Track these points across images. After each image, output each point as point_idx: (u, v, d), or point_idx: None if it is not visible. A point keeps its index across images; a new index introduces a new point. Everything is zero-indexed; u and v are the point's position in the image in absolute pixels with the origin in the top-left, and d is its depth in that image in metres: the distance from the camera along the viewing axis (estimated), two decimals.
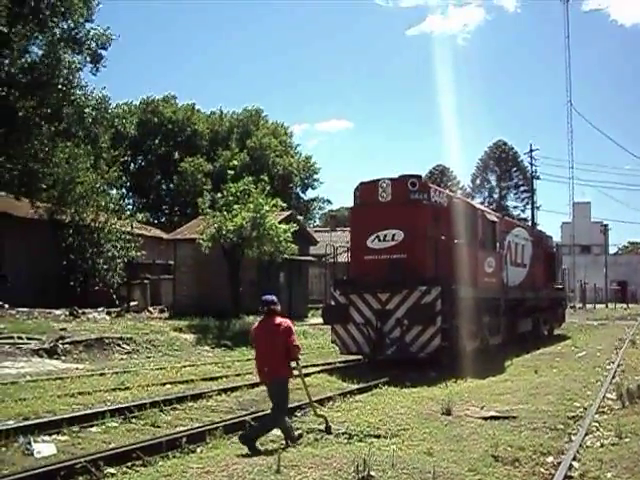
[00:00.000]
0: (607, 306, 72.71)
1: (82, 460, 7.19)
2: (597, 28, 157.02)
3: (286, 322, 8.46)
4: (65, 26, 30.56)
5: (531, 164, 68.24)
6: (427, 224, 16.62)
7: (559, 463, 7.64)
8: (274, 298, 8.59)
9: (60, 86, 29.44)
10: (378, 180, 17.38)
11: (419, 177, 17.50)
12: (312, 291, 39.42)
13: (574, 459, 7.86)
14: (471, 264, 17.61)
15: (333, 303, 17.51)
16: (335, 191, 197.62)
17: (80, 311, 25.89)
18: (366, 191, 17.66)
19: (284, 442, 8.40)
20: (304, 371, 14.87)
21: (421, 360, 15.73)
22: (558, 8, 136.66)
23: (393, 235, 16.70)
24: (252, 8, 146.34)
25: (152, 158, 65.31)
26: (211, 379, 14.41)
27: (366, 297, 16.45)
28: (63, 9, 29.33)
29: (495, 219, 20.44)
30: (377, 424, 9.55)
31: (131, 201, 62.89)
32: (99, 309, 27.97)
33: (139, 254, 33.64)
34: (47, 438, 8.74)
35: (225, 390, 12.70)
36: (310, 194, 74.62)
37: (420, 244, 16.35)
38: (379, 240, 16.86)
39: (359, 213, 18.10)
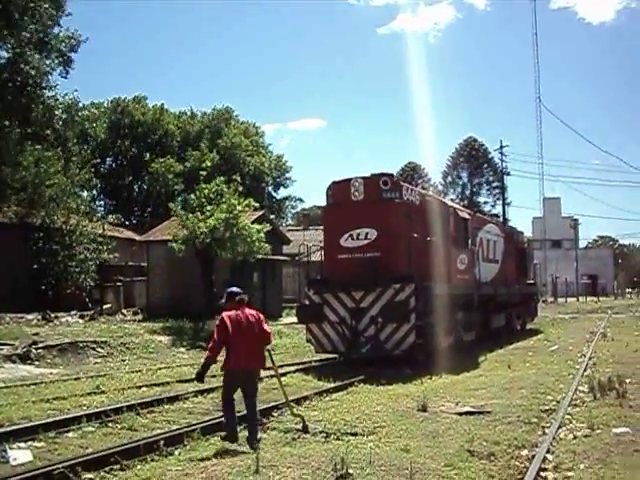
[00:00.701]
0: (578, 300, 73.58)
1: (59, 466, 7.15)
2: (565, 26, 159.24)
3: (257, 311, 8.90)
4: (33, 28, 30.27)
5: (501, 160, 68.91)
6: (400, 222, 16.74)
7: (533, 456, 7.76)
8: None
9: (29, 88, 29.13)
10: (350, 179, 17.47)
11: (391, 175, 17.62)
12: (286, 290, 39.45)
13: (548, 451, 7.99)
14: (444, 261, 17.75)
15: (307, 302, 17.61)
16: (308, 190, 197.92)
17: (53, 315, 25.68)
18: (338, 190, 17.74)
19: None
20: (280, 371, 15.05)
21: (396, 357, 15.85)
22: (527, 6, 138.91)
23: (366, 234, 16.81)
24: (224, 8, 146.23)
25: (123, 159, 64.74)
26: (187, 381, 14.30)
27: (340, 296, 16.55)
28: (33, 11, 29.03)
29: (467, 216, 20.64)
30: (354, 422, 9.62)
31: (102, 203, 62.41)
32: (72, 313, 27.76)
33: (112, 256, 33.42)
34: (23, 445, 8.66)
35: (201, 392, 12.65)
36: (282, 193, 74.76)
37: (393, 242, 16.47)
38: (352, 239, 16.96)
39: (332, 212, 18.20)
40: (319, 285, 17.38)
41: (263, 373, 14.40)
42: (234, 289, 8.98)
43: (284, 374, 14.84)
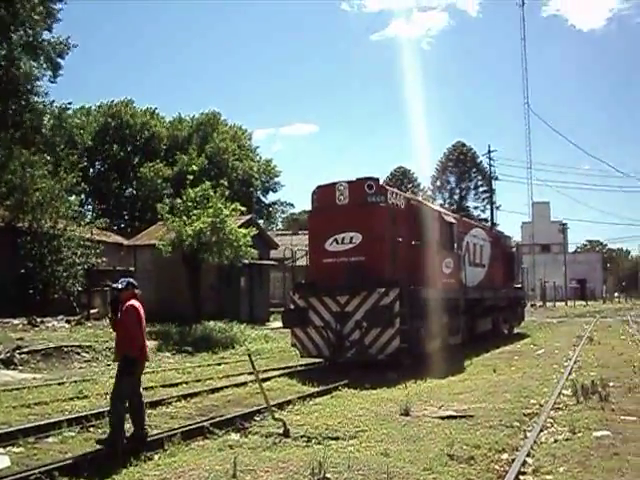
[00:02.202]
0: (567, 304, 73.94)
1: (36, 471, 7.09)
2: (556, 33, 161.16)
3: None
4: (23, 33, 30.21)
5: (490, 165, 69.19)
6: (385, 226, 16.74)
7: (513, 460, 7.74)
8: None
9: (19, 94, 29.09)
10: (335, 183, 17.46)
11: (376, 179, 17.56)
12: (274, 295, 39.38)
13: (528, 455, 7.98)
14: (429, 265, 17.78)
15: (292, 307, 17.54)
16: (300, 194, 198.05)
17: (39, 320, 25.48)
18: (324, 194, 17.71)
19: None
20: (265, 375, 15.06)
21: (381, 362, 15.82)
22: (518, 13, 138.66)
23: (351, 238, 16.79)
24: (217, 14, 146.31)
25: (111, 163, 64.68)
26: (171, 385, 14.30)
27: (325, 300, 16.52)
28: (24, 16, 28.97)
29: (453, 220, 20.65)
30: (336, 426, 9.58)
31: (90, 207, 62.19)
32: (58, 317, 27.55)
33: (99, 261, 33.24)
34: (1, 450, 8.58)
35: (185, 396, 12.61)
36: (271, 197, 74.72)
37: (378, 246, 16.46)
38: (337, 243, 16.95)
39: (317, 216, 18.14)
40: (304, 289, 17.35)
41: (247, 378, 14.54)
42: (132, 280, 8.93)
43: (269, 378, 14.85)
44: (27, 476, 7.04)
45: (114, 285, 8.97)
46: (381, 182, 18.15)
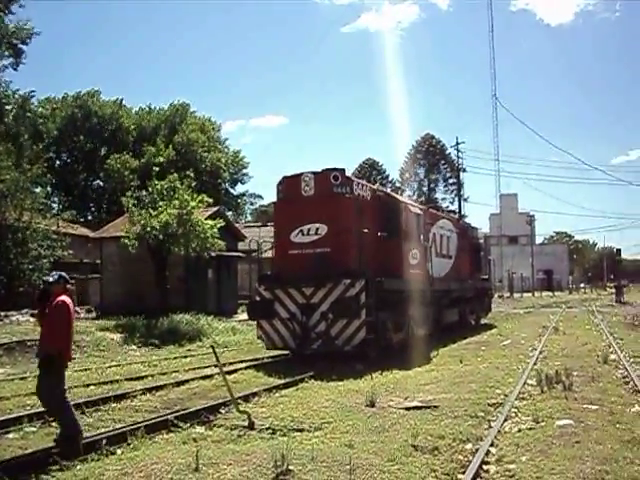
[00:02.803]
0: (534, 294, 74.73)
1: None
2: (524, 27, 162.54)
3: None
4: None
5: (458, 157, 69.42)
6: (350, 217, 16.66)
7: (477, 449, 7.77)
8: None
9: None
10: (301, 174, 17.32)
11: (342, 170, 17.38)
12: (242, 287, 39.19)
13: (492, 445, 8.01)
14: (395, 256, 17.80)
15: (258, 298, 17.37)
16: (269, 186, 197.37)
17: (2, 314, 25.13)
18: (289, 185, 17.57)
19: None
20: (231, 367, 15.00)
21: (347, 353, 15.79)
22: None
23: (317, 229, 16.69)
24: (187, 6, 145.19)
25: (78, 155, 63.92)
26: (136, 379, 14.17)
27: (291, 291, 16.41)
28: None
29: (419, 211, 20.62)
30: (301, 418, 9.56)
31: (56, 199, 61.36)
32: (23, 311, 27.16)
33: (66, 253, 32.80)
34: None
35: (150, 389, 12.51)
36: (240, 189, 74.37)
37: (343, 237, 16.39)
38: (303, 234, 16.82)
39: (282, 207, 18.01)
40: (270, 281, 17.20)
41: (213, 370, 14.43)
42: (64, 274, 8.41)
43: (235, 371, 14.79)
44: None
45: (44, 278, 8.63)
46: (349, 174, 18.08)
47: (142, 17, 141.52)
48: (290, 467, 6.67)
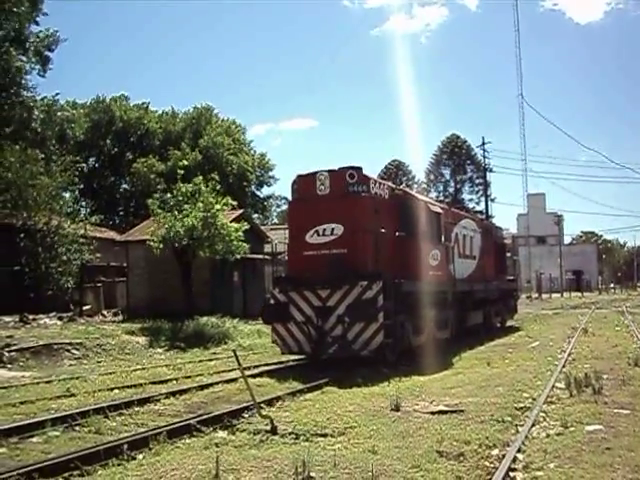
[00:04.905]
0: (562, 295, 73.95)
1: (14, 473, 6.92)
2: (554, 26, 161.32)
3: None
4: (10, 27, 29.92)
5: (484, 157, 68.91)
6: (367, 217, 16.25)
7: (504, 455, 7.59)
8: None
9: (8, 88, 28.83)
10: (316, 172, 16.75)
11: (358, 169, 16.75)
12: (268, 289, 39.13)
13: (519, 451, 7.81)
14: (414, 257, 17.35)
15: (272, 301, 16.84)
16: None
17: (31, 317, 25.36)
18: (304, 184, 17.03)
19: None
20: (256, 371, 14.92)
21: (366, 358, 15.36)
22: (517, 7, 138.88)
23: (332, 229, 16.17)
24: (215, 8, 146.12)
25: (104, 159, 64.49)
26: (160, 382, 14.14)
27: (306, 294, 15.87)
28: (9, 10, 28.70)
29: (439, 210, 19.99)
30: (324, 422, 9.43)
31: (84, 203, 61.84)
32: (51, 314, 27.43)
33: (93, 257, 33.02)
34: None
35: (174, 393, 12.44)
36: (266, 191, 74.53)
37: (360, 238, 15.97)
38: (318, 235, 16.30)
39: (297, 207, 17.54)
40: (285, 283, 16.76)
41: (237, 374, 14.35)
42: None
43: (260, 374, 14.68)
44: (5, 478, 6.87)
45: None
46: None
47: (170, 22, 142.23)
48: (312, 474, 6.56)
